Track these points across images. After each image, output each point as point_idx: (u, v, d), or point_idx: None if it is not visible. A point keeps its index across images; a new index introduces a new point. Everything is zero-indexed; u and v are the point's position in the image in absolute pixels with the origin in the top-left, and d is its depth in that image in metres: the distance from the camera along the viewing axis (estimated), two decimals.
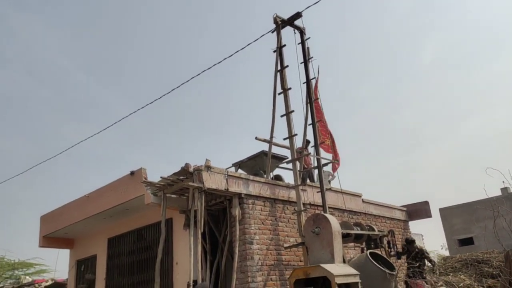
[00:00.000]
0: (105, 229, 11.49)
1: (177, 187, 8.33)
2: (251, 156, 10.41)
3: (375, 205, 12.25)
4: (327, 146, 10.53)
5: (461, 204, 23.18)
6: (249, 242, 8.34)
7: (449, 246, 24.02)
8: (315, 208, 9.82)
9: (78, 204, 10.93)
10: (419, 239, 16.03)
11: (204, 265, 8.55)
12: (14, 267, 20.85)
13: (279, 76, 9.80)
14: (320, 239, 7.81)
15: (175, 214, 9.34)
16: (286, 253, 8.90)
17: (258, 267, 8.26)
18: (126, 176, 9.46)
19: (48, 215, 12.13)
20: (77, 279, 12.45)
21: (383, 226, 11.86)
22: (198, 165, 8.27)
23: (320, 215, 8.14)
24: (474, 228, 20.45)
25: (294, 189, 9.31)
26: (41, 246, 12.32)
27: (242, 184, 8.75)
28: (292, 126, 9.52)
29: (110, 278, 11.10)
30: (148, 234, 10.35)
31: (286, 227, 9.23)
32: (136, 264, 10.47)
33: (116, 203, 9.60)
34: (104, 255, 11.48)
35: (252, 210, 8.69)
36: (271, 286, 8.34)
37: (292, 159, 9.52)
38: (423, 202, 13.71)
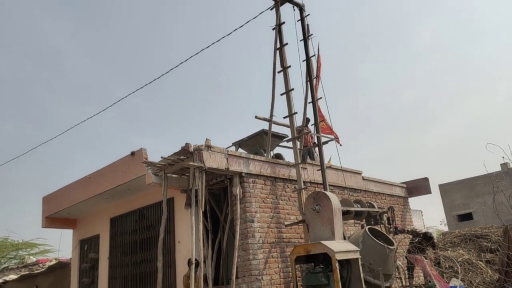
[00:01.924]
0: (107, 209, 11.58)
1: (178, 167, 8.35)
2: (251, 135, 10.40)
3: (375, 182, 12.31)
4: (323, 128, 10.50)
5: (461, 180, 23.29)
6: (250, 220, 8.41)
7: (448, 221, 24.26)
8: (315, 186, 9.87)
9: (79, 185, 10.98)
10: (419, 215, 16.14)
11: (205, 244, 8.65)
12: (18, 248, 21.15)
13: (279, 54, 9.70)
14: (321, 216, 7.88)
15: (176, 194, 9.40)
16: (287, 230, 8.99)
17: (259, 245, 8.35)
18: (126, 156, 9.47)
19: (50, 196, 12.20)
20: (81, 258, 12.62)
21: (383, 203, 11.94)
22: (198, 145, 8.27)
23: (320, 193, 8.19)
24: (473, 203, 20.60)
25: (294, 167, 9.33)
26: (44, 226, 12.44)
27: (243, 163, 8.77)
28: (292, 105, 9.48)
29: (114, 257, 11.24)
30: (150, 213, 10.44)
31: (287, 205, 9.29)
32: (138, 243, 10.59)
33: (117, 184, 9.64)
34: (107, 235, 11.60)
35: (253, 189, 8.73)
36: (272, 263, 8.46)
37: (292, 137, 9.51)
38: (423, 178, 13.77)
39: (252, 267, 8.08)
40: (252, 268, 8.07)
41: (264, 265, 8.28)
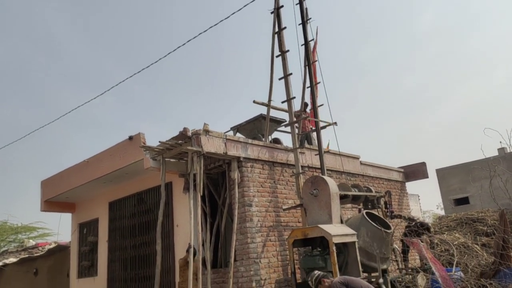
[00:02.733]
0: (105, 193, 11.62)
1: (176, 151, 8.35)
2: (250, 120, 10.39)
3: (372, 167, 12.35)
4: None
5: (458, 165, 23.38)
6: (248, 204, 8.46)
7: (444, 206, 24.43)
8: (313, 171, 9.90)
9: (77, 169, 11.00)
10: (416, 199, 16.25)
11: (204, 227, 8.71)
12: (17, 231, 21.27)
13: (277, 38, 9.63)
14: (318, 200, 7.93)
15: (175, 178, 9.42)
16: (285, 214, 9.05)
17: (257, 229, 8.42)
18: (124, 141, 9.47)
19: (48, 180, 12.23)
20: (80, 241, 12.70)
21: (380, 187, 12.01)
22: (196, 129, 8.26)
23: (318, 177, 8.23)
24: (470, 188, 20.71)
25: (292, 152, 9.35)
26: (43, 210, 12.48)
27: (241, 147, 8.78)
28: (290, 89, 9.45)
29: (113, 240, 11.32)
30: (148, 197, 10.48)
31: (285, 190, 9.34)
32: (137, 226, 10.66)
33: (115, 168, 9.66)
34: (106, 219, 11.66)
35: (251, 173, 8.76)
36: (270, 246, 8.54)
37: (290, 122, 9.50)
38: (420, 163, 13.82)
39: (250, 250, 8.15)
40: (250, 251, 8.15)
41: (262, 248, 8.36)
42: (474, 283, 4.67)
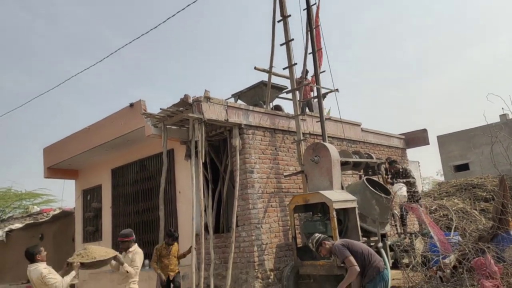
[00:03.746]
0: (108, 160, 11.69)
1: (177, 118, 8.34)
2: (251, 87, 10.31)
3: (373, 134, 12.35)
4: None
5: (459, 131, 23.35)
6: (250, 171, 8.52)
7: (444, 172, 24.57)
8: (314, 138, 9.91)
9: (79, 136, 11.02)
10: (416, 166, 16.34)
11: (206, 194, 8.81)
12: (21, 198, 21.54)
13: (278, 2, 9.41)
14: (319, 167, 7.98)
15: (176, 145, 9.45)
16: (286, 181, 9.13)
17: (258, 195, 8.51)
18: (125, 108, 9.44)
19: (50, 147, 12.28)
20: (84, 207, 12.89)
21: (381, 154, 12.06)
22: (197, 96, 8.22)
23: (319, 144, 8.25)
24: (470, 154, 20.78)
25: (293, 119, 9.33)
26: (46, 177, 12.60)
27: (242, 114, 8.75)
28: (292, 55, 9.32)
29: (116, 207, 11.49)
30: (150, 164, 10.55)
31: (286, 156, 9.38)
32: (140, 193, 10.79)
33: (117, 135, 9.67)
34: (109, 185, 11.79)
35: (252, 140, 8.77)
36: (271, 212, 8.66)
37: (292, 89, 9.43)
38: (421, 130, 13.81)
39: (251, 216, 8.28)
40: (252, 217, 8.28)
41: (264, 214, 8.49)
42: (472, 247, 4.76)
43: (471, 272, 4.54)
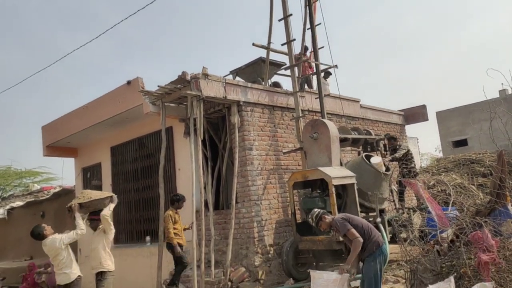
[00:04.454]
0: (107, 138, 11.68)
1: (175, 95, 8.29)
2: (249, 63, 10.22)
3: (372, 110, 12.33)
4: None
5: (458, 107, 23.30)
6: (249, 148, 8.54)
7: (443, 148, 24.62)
8: (313, 114, 9.89)
9: (77, 114, 10.98)
10: (414, 142, 16.36)
11: (205, 171, 8.84)
12: (21, 176, 21.63)
13: None
14: (318, 143, 8.00)
15: (175, 123, 9.43)
16: (285, 158, 9.16)
17: (258, 172, 8.56)
18: (123, 85, 9.37)
19: (49, 125, 12.24)
20: (84, 185, 12.94)
21: (380, 130, 12.06)
22: (195, 73, 8.15)
23: (318, 121, 8.24)
24: (469, 130, 20.78)
25: (292, 95, 9.29)
26: (46, 155, 12.61)
27: (240, 91, 8.71)
28: (290, 31, 9.21)
29: (116, 184, 11.54)
30: (149, 142, 10.55)
31: (285, 133, 9.38)
32: (139, 170, 10.82)
33: (115, 113, 9.64)
34: (108, 163, 11.81)
35: (251, 117, 8.76)
36: (270, 189, 8.72)
37: (290, 65, 9.36)
38: (421, 106, 13.77)
39: (251, 193, 8.34)
40: (251, 194, 8.34)
41: (263, 190, 8.55)
42: (470, 221, 4.81)
43: (468, 246, 4.61)
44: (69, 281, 5.48)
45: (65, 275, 5.49)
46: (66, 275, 5.48)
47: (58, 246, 5.44)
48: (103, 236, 5.83)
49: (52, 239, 5.51)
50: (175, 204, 7.65)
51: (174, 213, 7.54)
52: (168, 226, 7.30)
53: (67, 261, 5.50)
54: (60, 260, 5.45)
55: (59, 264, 5.48)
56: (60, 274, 5.52)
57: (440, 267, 4.94)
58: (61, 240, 5.48)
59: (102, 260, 5.72)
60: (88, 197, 5.82)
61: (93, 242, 5.81)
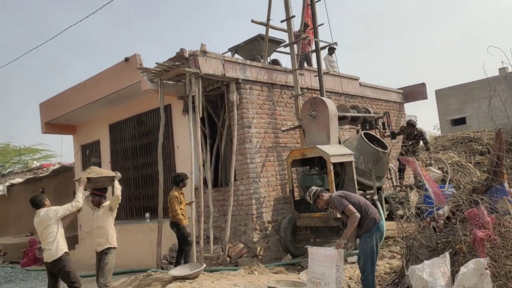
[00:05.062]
0: (105, 116, 11.65)
1: (173, 73, 8.24)
2: (248, 40, 10.11)
3: (372, 88, 12.29)
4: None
5: (458, 85, 23.17)
6: (247, 126, 8.53)
7: (441, 126, 24.62)
8: (312, 92, 9.85)
9: (75, 92, 10.92)
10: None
11: (204, 149, 8.86)
12: (20, 153, 21.63)
13: None
14: (317, 121, 8.00)
15: (173, 100, 9.40)
16: (284, 136, 9.17)
17: (256, 149, 8.58)
18: (121, 62, 9.29)
19: (47, 102, 12.19)
20: (84, 162, 12.97)
21: (379, 109, 12.05)
22: (193, 50, 8.08)
23: (317, 99, 8.22)
24: (468, 108, 20.74)
25: (291, 73, 9.24)
26: (44, 132, 12.60)
27: (239, 69, 8.65)
28: (290, 8, 9.10)
29: (115, 162, 11.57)
30: (148, 120, 10.53)
31: (284, 111, 9.37)
32: (138, 148, 10.84)
33: (113, 90, 9.59)
34: (107, 140, 11.81)
35: (250, 95, 8.73)
36: (269, 166, 8.76)
37: (290, 42, 9.27)
38: (420, 84, 13.73)
39: (249, 170, 8.39)
40: (250, 171, 8.39)
41: (261, 168, 8.59)
42: (466, 198, 4.85)
43: (464, 223, 4.65)
44: (56, 257, 5.31)
45: (49, 251, 5.32)
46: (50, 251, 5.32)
47: (52, 216, 5.33)
48: (109, 214, 5.85)
49: (47, 210, 5.44)
50: (179, 184, 7.49)
51: (179, 194, 7.45)
52: (175, 208, 7.22)
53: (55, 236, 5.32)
54: (48, 234, 5.30)
55: (47, 238, 5.31)
56: (46, 250, 5.36)
57: (435, 243, 5.01)
58: (56, 211, 5.39)
59: (109, 238, 5.76)
60: (98, 173, 5.85)
61: (99, 219, 5.78)
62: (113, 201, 5.87)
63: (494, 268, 4.16)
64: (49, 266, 5.41)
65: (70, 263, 5.45)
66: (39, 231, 5.42)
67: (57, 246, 5.34)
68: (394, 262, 6.67)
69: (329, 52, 11.34)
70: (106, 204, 5.91)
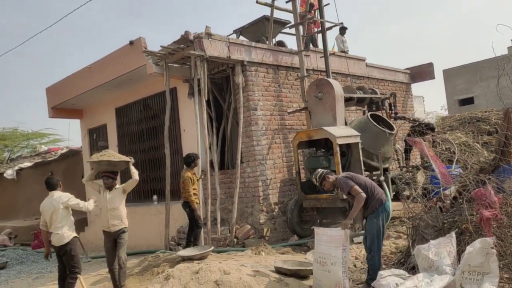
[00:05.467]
0: (111, 100, 11.67)
1: (178, 56, 8.20)
2: (253, 22, 10.02)
3: (378, 69, 12.17)
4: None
5: (466, 65, 22.89)
6: (253, 108, 8.52)
7: (449, 107, 24.43)
8: (318, 74, 9.79)
9: (80, 76, 10.93)
10: (420, 101, 16.23)
11: (210, 131, 8.88)
12: (28, 137, 21.77)
13: None
14: (323, 103, 7.96)
15: (179, 83, 9.39)
16: (290, 118, 9.15)
17: (262, 132, 8.58)
18: (125, 46, 9.26)
19: (53, 87, 12.22)
20: (91, 146, 13.07)
21: (385, 89, 11.95)
22: (198, 33, 8.03)
23: (323, 80, 8.17)
24: (475, 88, 20.51)
25: (297, 54, 9.16)
26: (51, 116, 12.66)
27: (244, 51, 8.59)
28: None
29: (122, 145, 11.64)
30: (154, 103, 10.54)
31: (289, 93, 9.33)
32: (145, 131, 10.88)
33: (118, 74, 9.58)
34: (114, 124, 11.87)
35: (255, 77, 8.69)
36: (275, 148, 8.77)
37: (295, 23, 9.17)
38: (427, 64, 13.57)
39: (256, 153, 8.41)
40: (256, 154, 8.41)
41: (268, 150, 8.61)
42: (473, 178, 4.84)
43: (471, 203, 4.66)
44: (65, 242, 5.35)
45: (58, 235, 5.36)
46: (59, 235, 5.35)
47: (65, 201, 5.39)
48: (122, 196, 5.93)
49: (61, 194, 5.49)
50: (191, 164, 7.40)
51: (192, 174, 7.41)
52: (189, 189, 7.14)
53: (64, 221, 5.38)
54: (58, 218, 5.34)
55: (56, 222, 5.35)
56: (55, 235, 5.39)
57: (442, 223, 5.03)
58: (69, 198, 5.45)
59: (123, 219, 5.86)
60: (119, 157, 5.96)
61: (113, 201, 5.84)
62: (130, 184, 5.96)
63: (500, 247, 4.18)
64: (57, 249, 5.49)
65: (77, 247, 5.53)
66: (48, 214, 5.43)
67: (66, 230, 5.41)
68: (400, 242, 6.72)
69: (340, 32, 11.30)
70: (119, 187, 5.98)
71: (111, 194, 5.87)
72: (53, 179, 5.65)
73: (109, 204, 5.81)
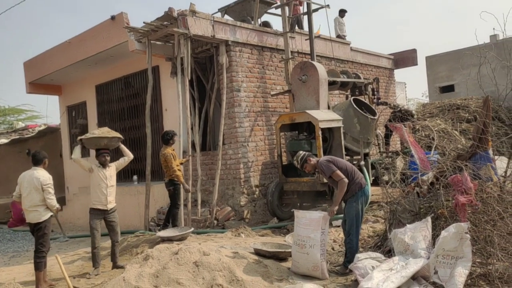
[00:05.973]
0: (91, 76, 11.42)
1: (162, 33, 8.04)
2: (238, 1, 9.86)
3: (362, 54, 12.19)
4: None
5: (449, 52, 23.05)
6: (237, 89, 8.46)
7: (430, 94, 24.69)
8: (302, 56, 9.74)
9: (60, 50, 10.63)
10: (402, 87, 16.36)
11: (192, 112, 8.79)
12: (5, 113, 21.23)
13: None
14: (307, 86, 7.95)
15: (162, 62, 9.23)
16: (273, 100, 9.13)
17: (245, 113, 8.54)
18: (107, 21, 9.02)
19: (31, 61, 11.88)
20: (70, 124, 12.83)
21: (369, 74, 12.00)
22: (182, 10, 7.87)
23: (307, 63, 8.14)
24: (457, 75, 20.75)
25: (282, 36, 9.09)
26: (29, 92, 12.33)
27: (229, 30, 8.47)
28: None
29: (102, 124, 11.43)
30: (135, 81, 10.36)
31: (273, 75, 9.27)
32: (126, 110, 10.71)
33: (99, 50, 9.34)
34: (94, 102, 11.64)
35: (240, 58, 8.60)
36: (257, 131, 8.76)
37: (281, 4, 9.07)
38: (411, 50, 13.66)
39: (238, 134, 8.38)
40: (238, 135, 8.38)
41: (250, 132, 8.59)
42: (450, 164, 4.93)
43: (447, 188, 4.75)
44: (42, 219, 5.27)
45: (37, 213, 5.26)
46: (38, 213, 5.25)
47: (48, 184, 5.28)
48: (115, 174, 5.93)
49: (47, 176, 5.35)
50: (169, 142, 7.26)
51: (172, 150, 7.32)
52: (172, 165, 7.01)
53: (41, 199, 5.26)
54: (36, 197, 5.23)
55: (33, 200, 5.22)
56: (32, 212, 5.27)
57: (418, 208, 5.12)
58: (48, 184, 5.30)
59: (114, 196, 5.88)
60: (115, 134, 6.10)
61: (111, 179, 5.83)
62: (124, 162, 6.13)
63: (474, 232, 4.29)
64: (32, 226, 5.38)
65: (50, 226, 5.45)
66: (27, 190, 5.27)
67: (45, 209, 5.32)
68: (377, 226, 6.84)
69: (339, 14, 11.29)
70: (111, 164, 5.94)
71: (109, 171, 5.83)
72: (40, 154, 5.50)
73: (109, 182, 5.77)
